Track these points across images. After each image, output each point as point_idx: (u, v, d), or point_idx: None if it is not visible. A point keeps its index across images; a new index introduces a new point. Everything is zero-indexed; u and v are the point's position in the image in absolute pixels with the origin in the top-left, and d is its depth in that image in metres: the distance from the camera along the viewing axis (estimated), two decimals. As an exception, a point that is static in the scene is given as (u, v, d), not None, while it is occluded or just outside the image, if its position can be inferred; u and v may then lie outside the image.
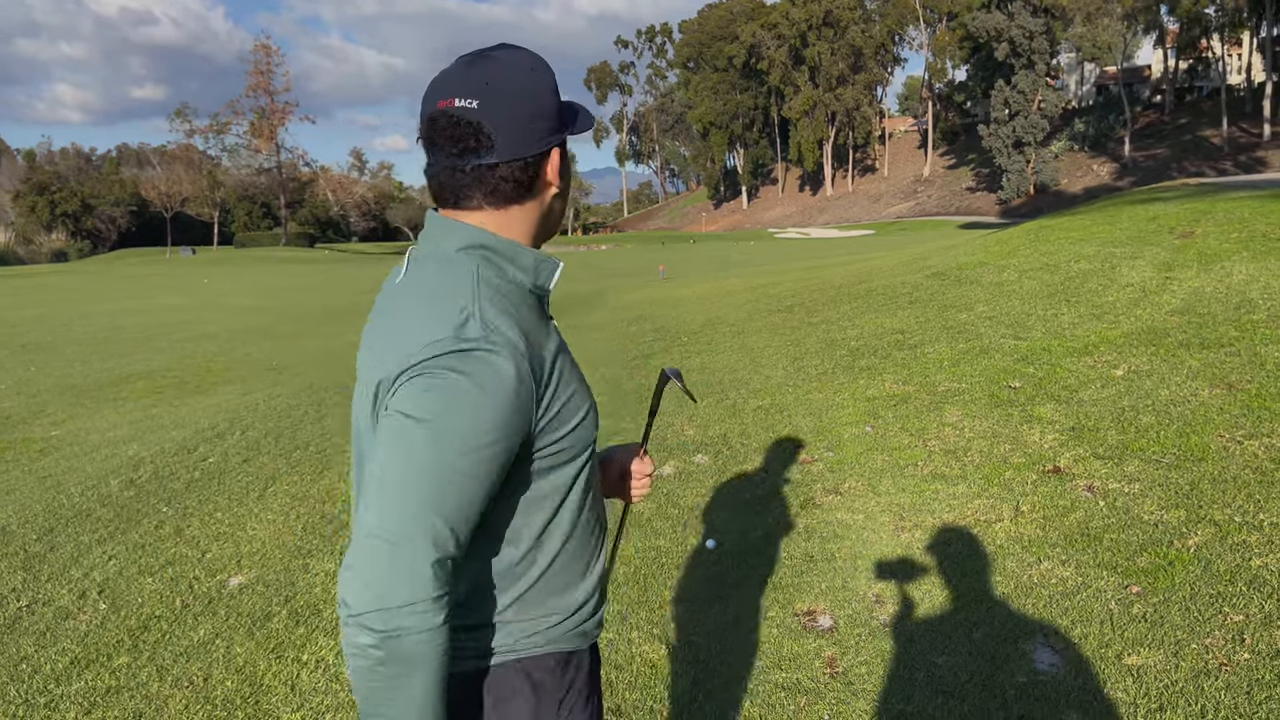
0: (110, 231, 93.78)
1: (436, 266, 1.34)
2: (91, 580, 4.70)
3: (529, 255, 1.38)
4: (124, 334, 18.11)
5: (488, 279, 1.32)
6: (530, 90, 1.35)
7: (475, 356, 1.22)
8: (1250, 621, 3.28)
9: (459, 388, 1.21)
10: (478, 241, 1.35)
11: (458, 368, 1.21)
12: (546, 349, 1.33)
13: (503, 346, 1.24)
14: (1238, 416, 5.20)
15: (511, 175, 1.34)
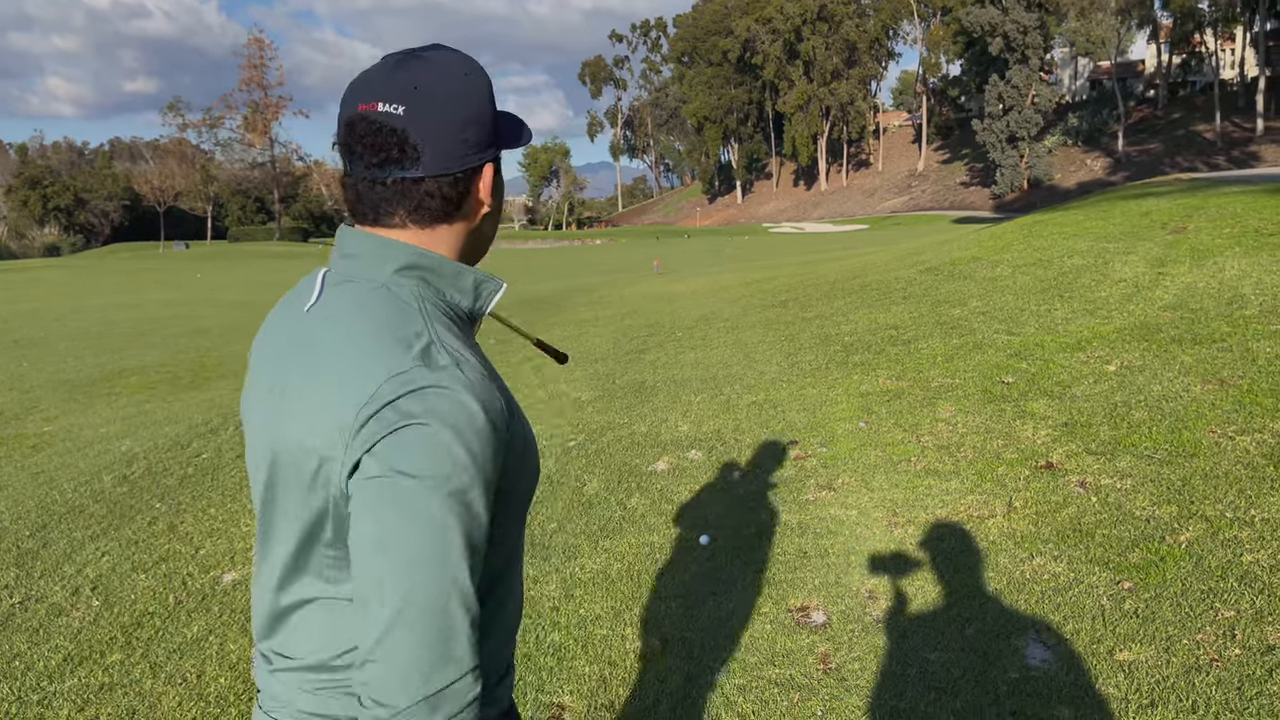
0: (103, 226, 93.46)
1: (371, 292, 1.18)
2: (84, 577, 4.69)
3: (470, 276, 1.24)
4: (117, 329, 18.06)
5: (431, 303, 1.20)
6: (463, 97, 1.20)
7: (453, 386, 1.09)
8: (1241, 617, 3.30)
9: (447, 428, 1.07)
10: (416, 262, 1.20)
11: (439, 407, 1.07)
12: (497, 379, 1.22)
13: (474, 376, 1.13)
14: (1229, 412, 5.21)
15: (439, 191, 1.20)
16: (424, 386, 1.08)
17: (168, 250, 72.39)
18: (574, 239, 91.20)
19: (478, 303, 1.26)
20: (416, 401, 1.07)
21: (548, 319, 14.23)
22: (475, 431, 1.08)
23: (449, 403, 1.08)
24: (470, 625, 1.07)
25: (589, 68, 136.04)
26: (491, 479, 1.11)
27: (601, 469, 5.85)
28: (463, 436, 1.07)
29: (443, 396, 1.08)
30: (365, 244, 1.22)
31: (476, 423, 1.09)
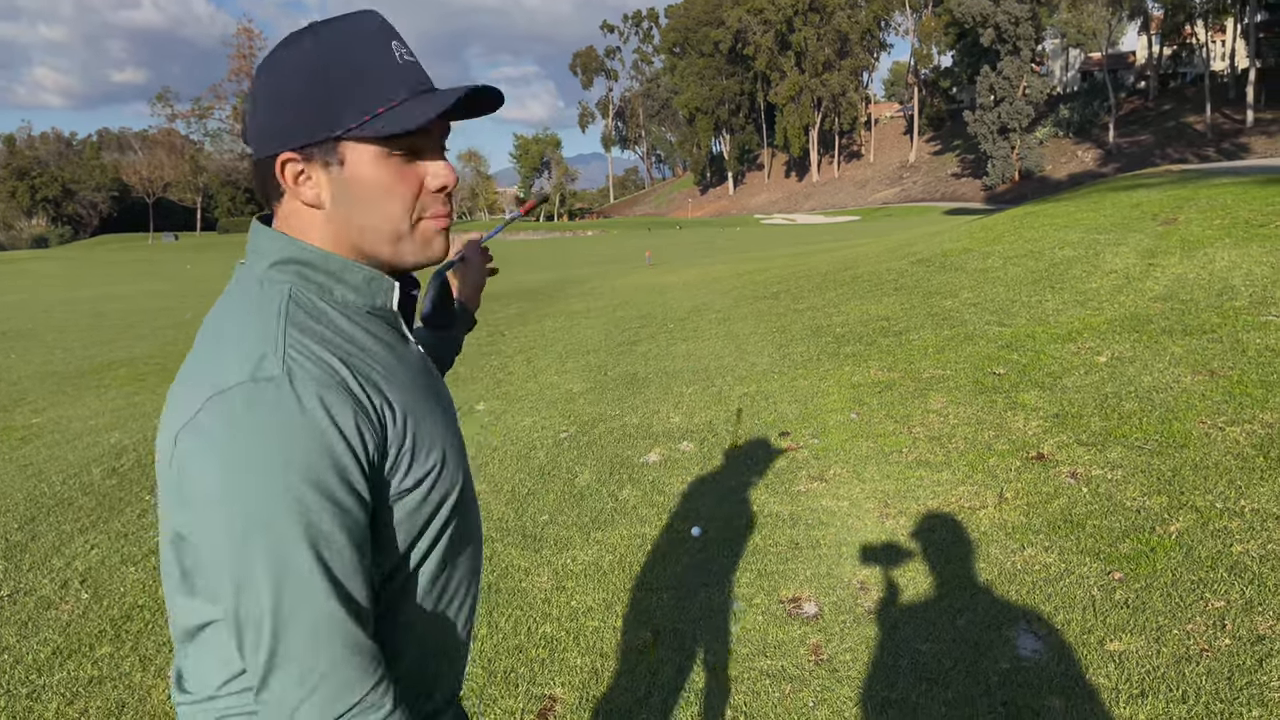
0: (91, 217, 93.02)
1: (246, 289, 1.10)
2: (74, 570, 4.67)
3: (359, 272, 1.12)
4: (106, 320, 17.98)
5: (302, 301, 1.08)
6: (276, 77, 1.07)
7: (273, 399, 0.98)
8: (1231, 607, 3.31)
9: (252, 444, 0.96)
10: (293, 256, 1.10)
11: (254, 418, 0.97)
12: (386, 383, 1.09)
13: (310, 382, 1.00)
14: (1219, 403, 5.23)
15: (256, 171, 1.13)
16: (236, 400, 0.98)
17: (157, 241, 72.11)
18: (565, 230, 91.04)
19: (376, 300, 1.14)
20: (225, 418, 0.97)
21: (540, 310, 14.20)
22: (294, 444, 0.97)
23: (261, 417, 0.97)
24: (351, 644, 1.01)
25: (580, 58, 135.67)
26: (332, 490, 0.99)
27: (593, 460, 5.84)
28: (272, 451, 0.96)
29: (254, 403, 0.97)
30: (251, 235, 1.15)
31: (296, 435, 0.97)
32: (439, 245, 1.16)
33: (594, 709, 3.18)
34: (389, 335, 1.16)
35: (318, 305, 1.10)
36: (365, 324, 1.13)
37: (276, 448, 0.96)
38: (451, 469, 1.16)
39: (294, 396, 0.98)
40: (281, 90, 1.07)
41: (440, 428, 1.16)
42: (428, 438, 1.12)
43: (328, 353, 1.04)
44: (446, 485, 1.15)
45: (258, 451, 0.96)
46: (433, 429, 1.14)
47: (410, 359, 1.18)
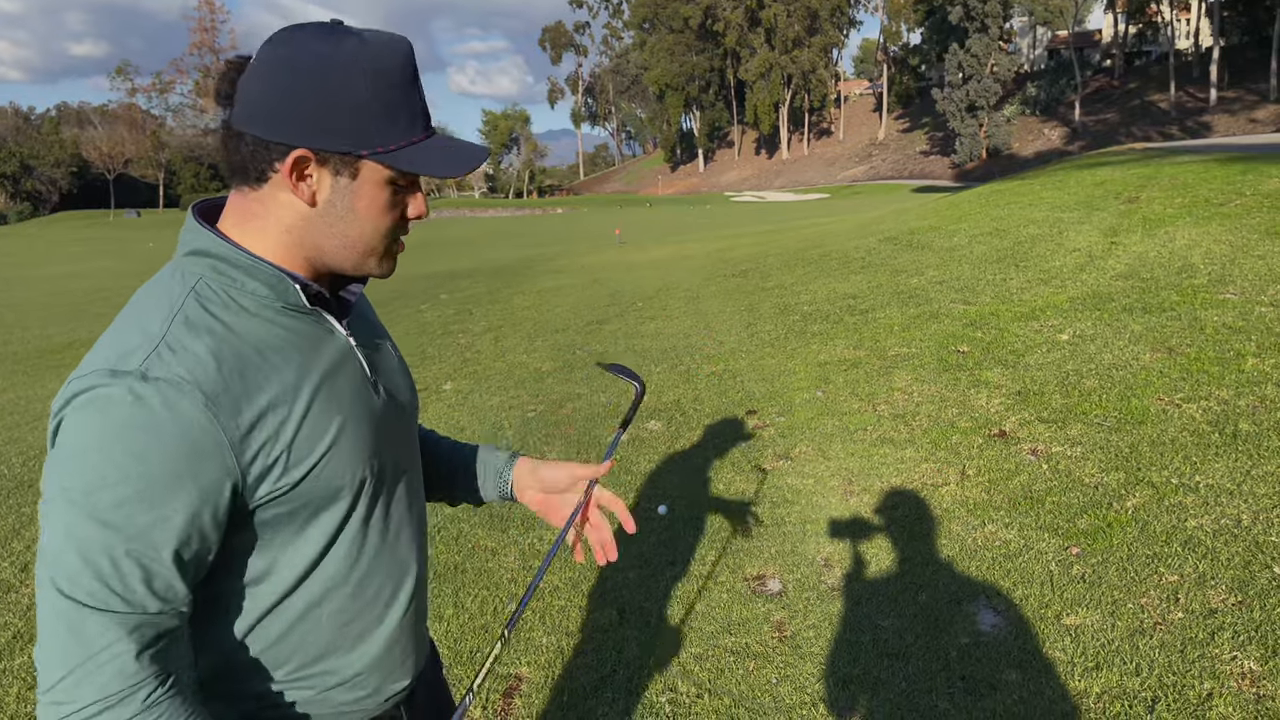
0: (51, 193, 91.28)
1: (163, 274, 1.13)
2: (34, 553, 4.61)
3: (265, 271, 1.11)
4: (65, 299, 17.70)
5: (205, 294, 1.09)
6: (307, 71, 1.05)
7: (119, 394, 0.99)
8: (1185, 581, 3.37)
9: (98, 439, 0.98)
10: (206, 249, 1.11)
11: (94, 413, 0.99)
12: (278, 378, 1.09)
13: (166, 381, 1.00)
14: (1177, 380, 5.31)
15: (239, 145, 1.09)
16: (94, 390, 1.00)
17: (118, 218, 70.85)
18: (535, 207, 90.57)
19: (289, 298, 1.14)
20: (81, 409, 1.00)
21: (509, 288, 14.14)
22: (133, 443, 0.98)
23: (103, 414, 0.99)
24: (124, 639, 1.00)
25: (549, 33, 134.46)
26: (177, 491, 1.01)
27: (561, 440, 5.84)
28: (113, 450, 0.98)
29: (100, 408, 0.99)
30: (185, 223, 1.16)
31: (137, 434, 0.98)
32: (390, 266, 1.21)
33: (560, 687, 3.20)
34: (305, 331, 1.16)
35: (224, 298, 1.10)
36: (276, 319, 1.13)
37: (106, 438, 0.99)
38: (342, 469, 1.15)
39: (137, 397, 0.99)
40: (314, 86, 1.05)
41: (343, 422, 1.16)
42: (317, 433, 1.12)
43: (204, 349, 1.04)
44: (337, 485, 1.15)
45: (81, 442, 0.99)
46: (328, 423, 1.14)
47: (331, 354, 1.18)
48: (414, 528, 1.33)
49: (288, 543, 1.14)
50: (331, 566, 1.19)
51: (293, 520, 1.13)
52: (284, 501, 1.11)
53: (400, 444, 1.29)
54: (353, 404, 1.18)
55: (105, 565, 0.99)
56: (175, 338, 1.04)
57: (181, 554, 1.03)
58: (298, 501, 1.12)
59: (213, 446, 1.02)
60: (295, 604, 1.18)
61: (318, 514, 1.15)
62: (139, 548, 1.00)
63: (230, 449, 1.04)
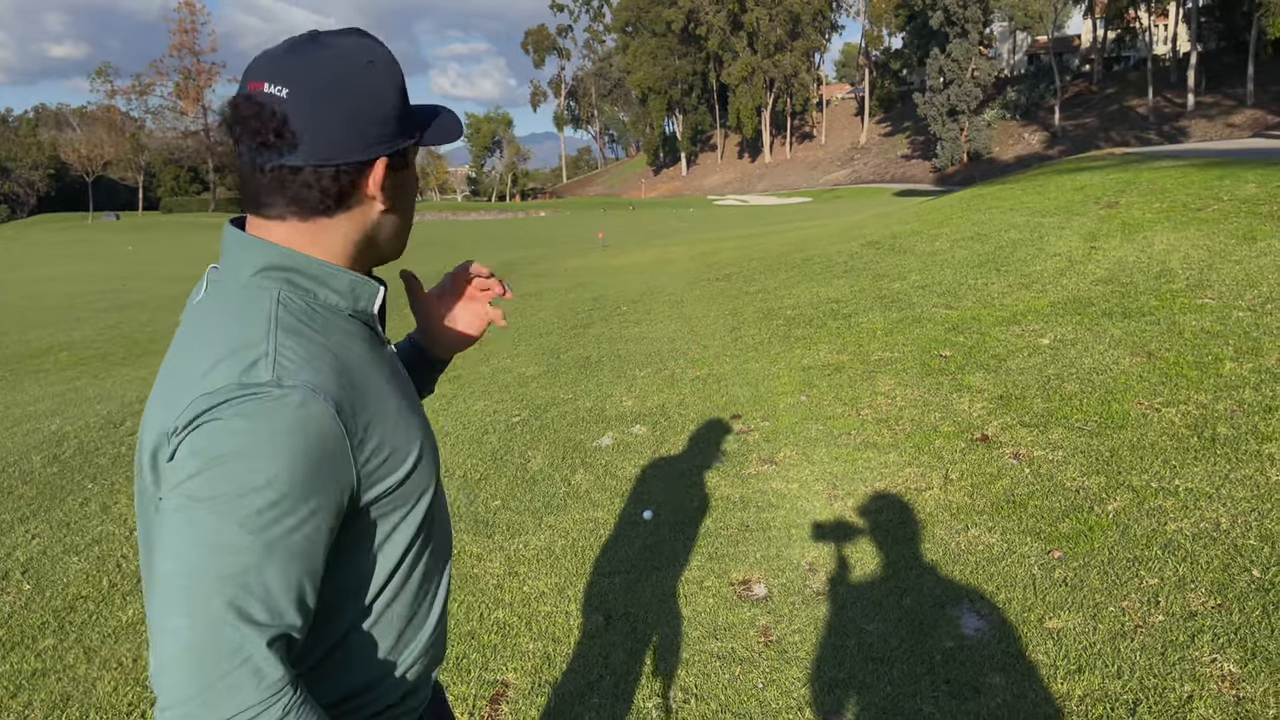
0: (28, 196, 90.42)
1: (230, 294, 1.13)
2: (14, 560, 4.58)
3: (343, 277, 1.16)
4: (43, 303, 17.56)
5: (292, 307, 1.11)
6: (358, 85, 1.11)
7: (261, 403, 1.01)
8: (1165, 585, 3.41)
9: (244, 445, 0.99)
10: (278, 263, 1.12)
11: (240, 421, 1.00)
12: (371, 385, 1.14)
13: (302, 388, 1.03)
14: (1156, 384, 5.37)
15: (317, 183, 1.11)
16: (229, 400, 1.00)
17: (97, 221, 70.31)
18: (518, 210, 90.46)
19: (359, 304, 1.18)
20: (214, 416, 1.00)
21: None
22: (280, 445, 1.00)
23: (254, 416, 1.00)
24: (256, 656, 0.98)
25: (531, 36, 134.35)
26: (304, 498, 1.02)
27: (546, 445, 5.85)
28: (259, 457, 0.99)
29: (247, 408, 1.00)
30: (231, 242, 1.16)
31: (281, 438, 1.00)
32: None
33: (546, 693, 3.20)
34: (368, 337, 1.21)
35: (307, 309, 1.13)
36: (347, 326, 1.17)
37: (246, 450, 0.99)
38: (425, 469, 1.22)
39: (289, 399, 1.02)
40: (373, 96, 1.14)
41: (415, 429, 1.21)
42: (405, 440, 1.17)
43: (316, 357, 1.08)
44: (422, 484, 1.21)
45: (222, 451, 0.99)
46: (409, 431, 1.19)
47: (385, 361, 1.23)
48: (450, 549, 1.39)
49: (379, 547, 1.18)
50: (408, 564, 1.23)
51: (385, 523, 1.17)
52: (387, 503, 1.15)
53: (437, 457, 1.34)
54: (415, 406, 1.26)
55: (250, 574, 0.99)
56: (287, 348, 1.06)
57: (318, 563, 1.05)
58: (395, 504, 1.17)
59: (342, 450, 1.06)
60: (377, 606, 1.21)
61: (406, 514, 1.20)
62: (283, 555, 1.01)
63: (352, 452, 1.08)
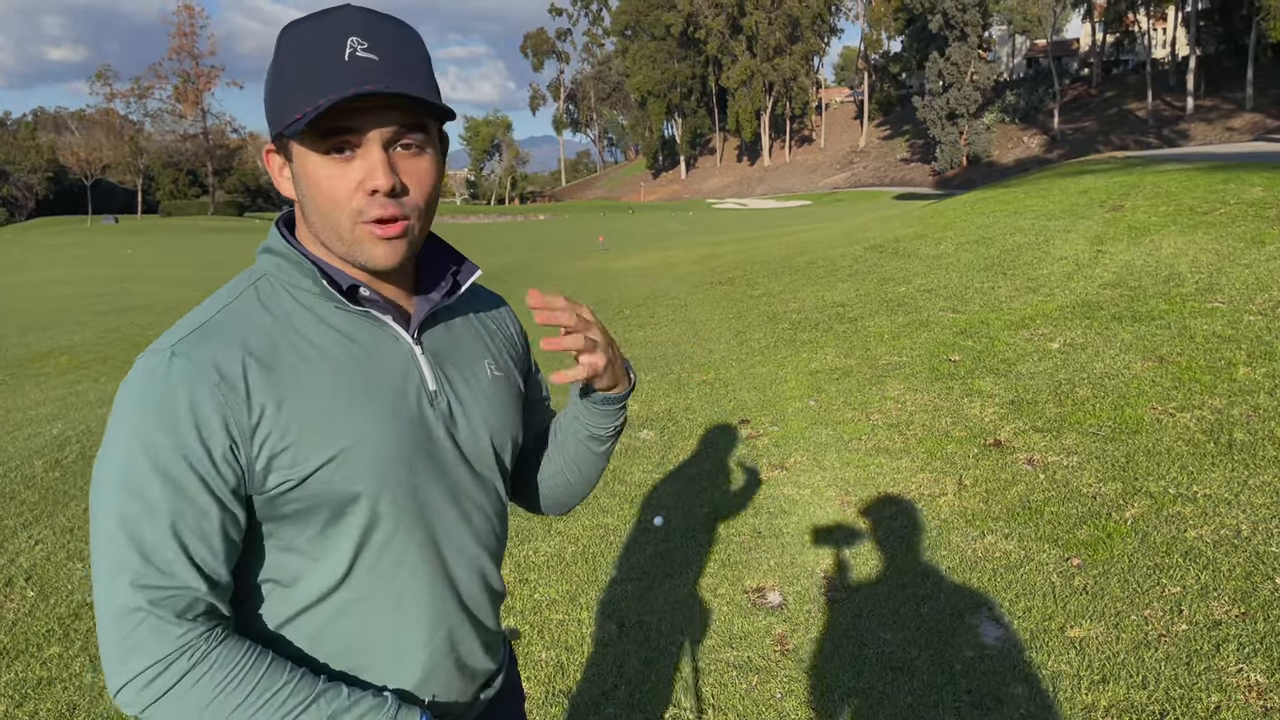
0: (27, 199, 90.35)
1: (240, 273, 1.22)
2: (18, 566, 4.53)
3: (308, 270, 1.15)
4: (44, 306, 17.51)
5: (268, 289, 1.16)
6: (271, 69, 1.12)
7: (145, 358, 1.08)
8: (1187, 593, 3.37)
9: (122, 391, 1.07)
10: (271, 246, 1.18)
11: (131, 373, 1.09)
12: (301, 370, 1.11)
13: (184, 353, 1.06)
14: (1169, 389, 5.32)
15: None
16: (139, 360, 1.09)
17: (95, 224, 70.21)
18: (517, 213, 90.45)
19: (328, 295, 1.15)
20: (123, 385, 1.09)
21: (493, 296, 14.07)
22: (160, 419, 1.04)
23: (136, 380, 1.07)
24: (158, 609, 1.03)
25: (531, 40, 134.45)
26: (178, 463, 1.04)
27: (552, 450, 5.79)
28: (139, 424, 1.05)
29: (136, 374, 1.07)
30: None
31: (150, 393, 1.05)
32: (379, 252, 1.13)
33: (561, 703, 3.15)
34: (358, 329, 1.17)
35: (286, 292, 1.16)
36: (327, 316, 1.15)
37: (133, 415, 1.05)
38: (367, 470, 1.12)
39: (161, 369, 1.06)
40: (265, 89, 1.13)
41: (368, 427, 1.13)
42: (333, 433, 1.10)
43: (236, 340, 1.09)
44: (355, 487, 1.12)
45: (119, 407, 1.07)
46: (349, 425, 1.12)
47: (383, 358, 1.17)
48: (469, 565, 1.26)
49: (313, 544, 1.14)
50: (359, 579, 1.17)
51: (310, 521, 1.13)
52: (295, 498, 1.10)
53: (456, 469, 1.23)
54: (391, 412, 1.15)
55: (128, 538, 1.03)
56: (215, 324, 1.10)
57: (209, 531, 1.07)
58: (308, 501, 1.11)
59: (220, 426, 1.06)
60: (325, 610, 1.16)
61: (336, 520, 1.13)
62: (160, 519, 1.04)
63: (239, 431, 1.07)
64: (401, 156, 1.11)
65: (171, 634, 1.03)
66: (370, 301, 1.17)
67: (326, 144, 1.08)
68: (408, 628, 1.20)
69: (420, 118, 1.11)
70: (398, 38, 1.10)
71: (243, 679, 1.05)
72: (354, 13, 1.07)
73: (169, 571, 1.04)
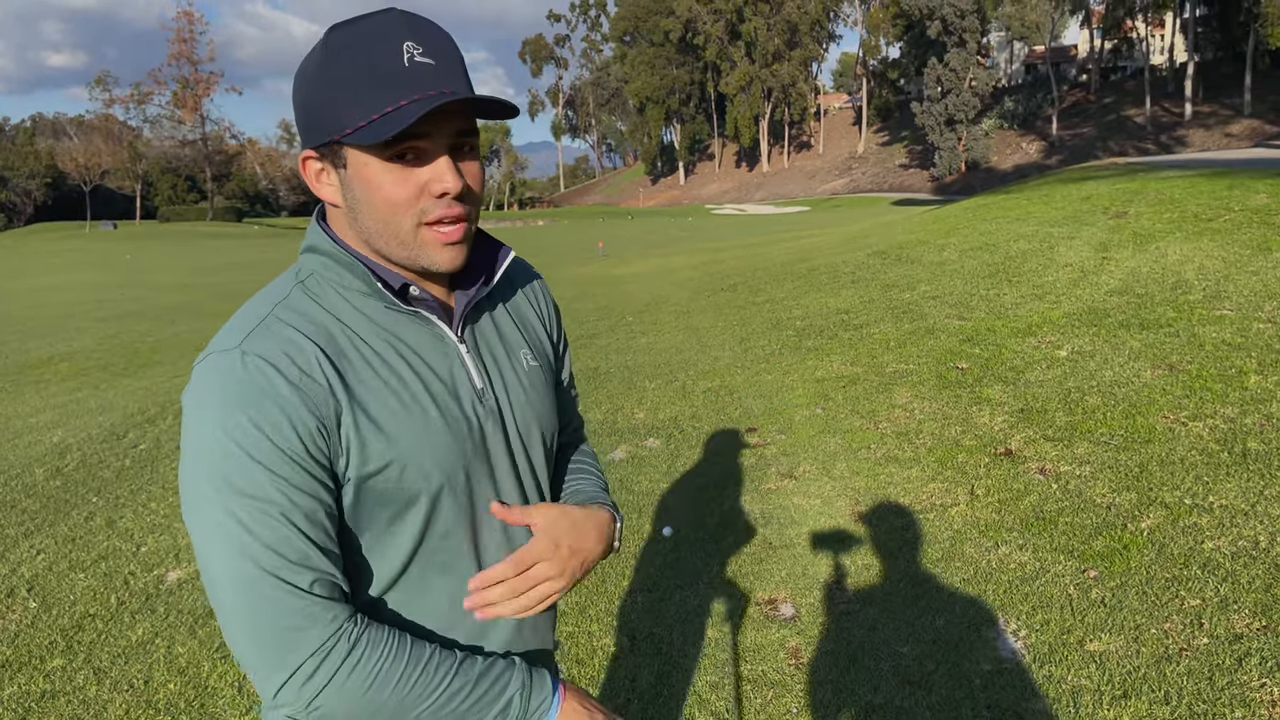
0: (25, 205, 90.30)
1: (284, 272, 1.20)
2: (20, 577, 4.48)
3: (359, 267, 1.14)
4: (43, 312, 17.45)
5: (316, 287, 1.14)
6: (305, 76, 1.09)
7: (213, 360, 1.05)
8: (1207, 605, 3.32)
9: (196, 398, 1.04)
10: (316, 245, 1.16)
11: (197, 379, 1.06)
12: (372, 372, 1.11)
13: (256, 350, 1.05)
14: (1180, 398, 5.28)
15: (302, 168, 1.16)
16: (199, 369, 1.06)
17: (94, 230, 70.11)
18: (516, 219, 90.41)
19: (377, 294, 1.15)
20: (190, 391, 1.06)
21: (494, 302, 14.03)
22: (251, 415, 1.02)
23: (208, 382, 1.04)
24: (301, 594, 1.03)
25: (529, 46, 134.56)
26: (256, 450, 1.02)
27: (558, 458, 5.75)
28: (229, 424, 1.02)
29: (211, 375, 1.05)
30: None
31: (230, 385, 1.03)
32: (444, 256, 1.14)
33: (573, 719, 3.10)
34: (408, 328, 1.16)
35: (335, 291, 1.14)
36: (377, 315, 1.15)
37: (211, 415, 1.03)
38: (422, 473, 1.13)
39: (238, 367, 1.03)
40: (302, 95, 1.10)
41: (422, 427, 1.14)
42: (389, 438, 1.11)
43: (301, 335, 1.08)
44: (414, 484, 1.13)
45: (199, 414, 1.04)
46: (406, 425, 1.12)
47: (432, 356, 1.17)
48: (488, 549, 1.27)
49: (383, 533, 1.14)
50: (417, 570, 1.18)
51: (383, 511, 1.13)
52: (370, 489, 1.10)
53: (502, 463, 1.24)
54: (446, 414, 1.16)
55: (265, 533, 1.02)
56: (275, 319, 1.08)
57: (316, 513, 1.06)
58: (377, 495, 1.11)
59: (309, 415, 1.05)
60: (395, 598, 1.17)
61: (403, 514, 1.14)
62: (282, 512, 1.03)
63: (326, 421, 1.06)
64: (459, 158, 1.12)
65: (324, 620, 1.03)
66: (419, 301, 1.17)
67: (391, 150, 1.07)
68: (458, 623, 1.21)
69: (474, 120, 1.12)
70: (444, 39, 1.10)
71: (395, 652, 1.06)
72: (399, 16, 1.08)
73: (304, 561, 1.03)
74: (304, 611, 1.02)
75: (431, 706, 1.07)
